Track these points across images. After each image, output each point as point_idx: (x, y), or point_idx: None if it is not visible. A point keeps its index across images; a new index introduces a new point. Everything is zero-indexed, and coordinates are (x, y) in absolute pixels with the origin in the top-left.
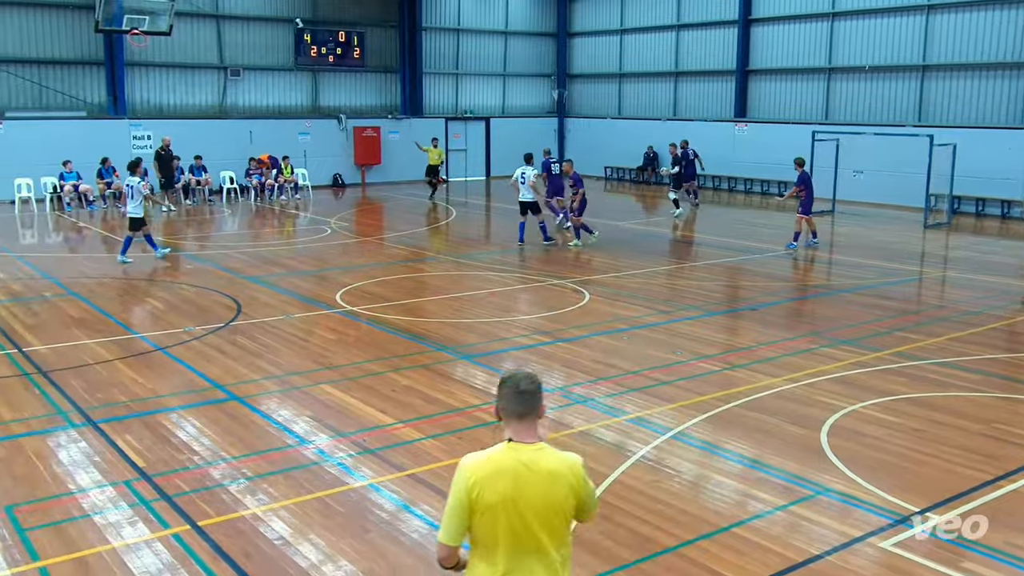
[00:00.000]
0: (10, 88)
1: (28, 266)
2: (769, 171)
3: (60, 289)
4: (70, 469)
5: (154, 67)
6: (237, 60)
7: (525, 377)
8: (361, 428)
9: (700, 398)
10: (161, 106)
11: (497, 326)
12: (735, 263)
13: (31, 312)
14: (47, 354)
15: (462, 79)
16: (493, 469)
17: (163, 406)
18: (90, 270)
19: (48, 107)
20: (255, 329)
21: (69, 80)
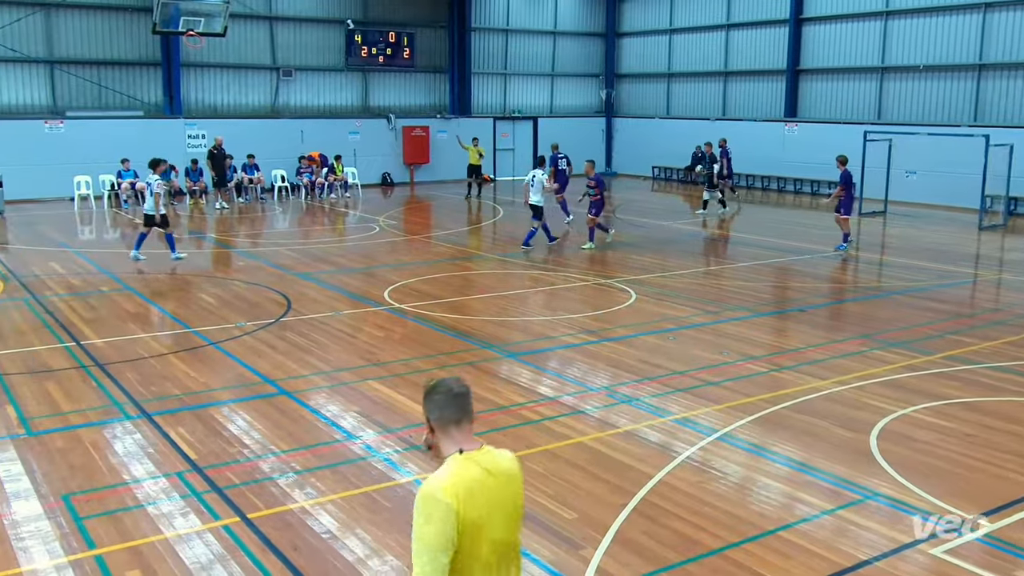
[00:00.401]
0: (71, 88)
1: (86, 261)
2: (819, 171)
3: (117, 284)
4: (125, 460)
5: (209, 68)
6: (289, 61)
7: (455, 381)
8: (408, 424)
9: (747, 399)
10: (215, 106)
11: (543, 325)
12: (783, 264)
13: (89, 306)
14: (104, 347)
15: (510, 79)
16: (466, 485)
17: (215, 400)
18: (145, 266)
19: (107, 107)
20: (304, 325)
21: (127, 80)
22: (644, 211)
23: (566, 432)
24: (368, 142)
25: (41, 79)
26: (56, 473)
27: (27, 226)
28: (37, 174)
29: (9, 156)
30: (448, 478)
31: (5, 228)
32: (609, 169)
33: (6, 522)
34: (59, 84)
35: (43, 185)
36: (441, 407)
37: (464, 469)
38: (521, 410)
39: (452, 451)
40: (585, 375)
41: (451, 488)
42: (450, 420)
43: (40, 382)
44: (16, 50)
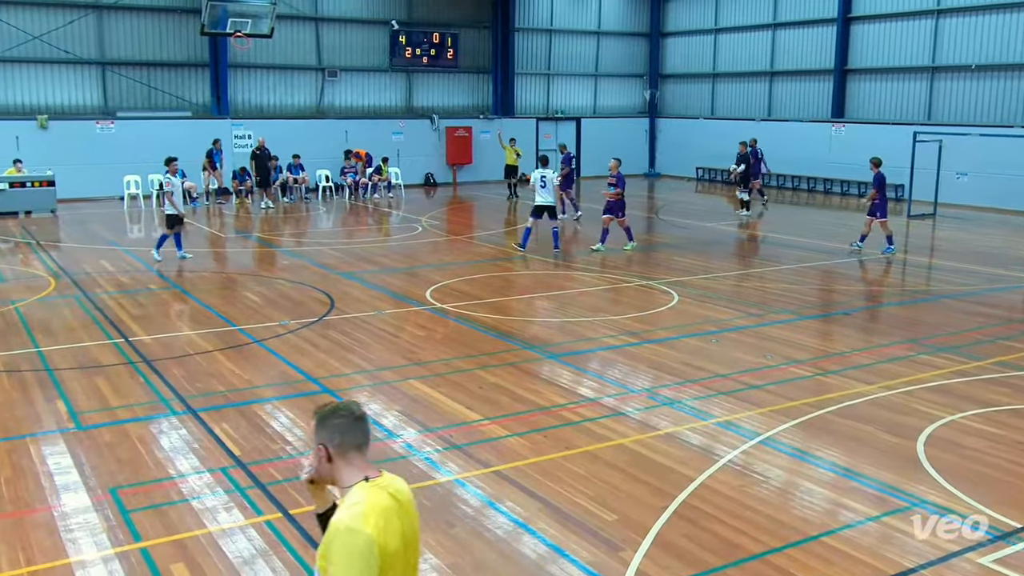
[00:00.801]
0: (121, 89)
1: (135, 259)
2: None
3: (164, 282)
4: (171, 455)
5: (255, 68)
6: (334, 62)
7: (353, 403)
8: (448, 424)
9: (791, 403)
10: (261, 106)
11: (584, 326)
12: (829, 266)
13: (137, 303)
14: (151, 344)
15: (553, 79)
16: (382, 514)
17: (258, 397)
18: (192, 264)
19: (156, 107)
20: (347, 324)
21: (176, 81)
22: (687, 212)
23: (607, 434)
24: (411, 142)
25: (93, 80)
26: (104, 467)
27: (78, 224)
28: (88, 173)
29: (62, 156)
30: (364, 507)
31: (57, 226)
32: (652, 170)
33: (55, 514)
34: (110, 85)
35: (94, 184)
36: (343, 432)
37: (376, 497)
38: (562, 411)
39: (356, 479)
40: (626, 377)
41: (369, 520)
42: (352, 445)
43: (89, 377)
44: (69, 52)
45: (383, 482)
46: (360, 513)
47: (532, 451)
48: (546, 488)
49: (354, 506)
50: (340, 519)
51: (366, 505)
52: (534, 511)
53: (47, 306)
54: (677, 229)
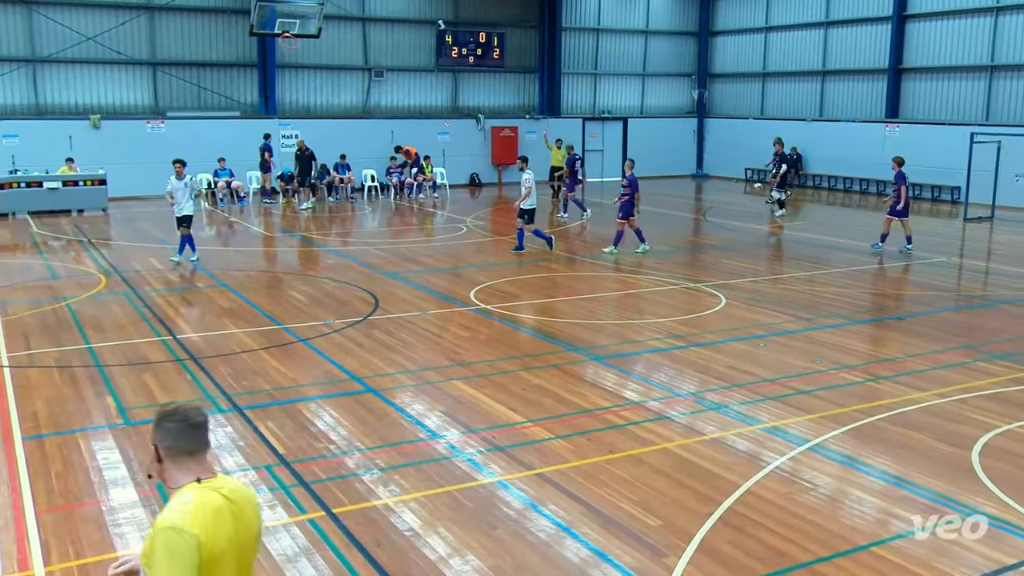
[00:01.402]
0: (172, 89)
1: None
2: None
3: (212, 280)
4: (216, 452)
5: (302, 69)
6: (381, 62)
7: (194, 409)
8: (491, 425)
9: (840, 410)
10: (308, 106)
11: (629, 328)
12: (881, 270)
13: (185, 301)
14: (198, 342)
15: (600, 79)
16: (211, 514)
17: (303, 395)
18: (240, 263)
19: (205, 107)
20: (391, 324)
21: (225, 81)
22: (735, 214)
23: (651, 438)
24: (457, 142)
25: (144, 81)
26: None
27: (128, 223)
28: (139, 172)
29: (114, 155)
30: (191, 507)
31: (108, 224)
32: (700, 171)
33: (104, 508)
34: (161, 85)
35: (144, 183)
36: (175, 436)
37: (206, 497)
38: (606, 414)
39: (186, 480)
40: (672, 380)
41: (195, 519)
42: (183, 451)
43: (138, 374)
44: (121, 52)
45: (216, 483)
46: (186, 512)
47: (575, 454)
48: (589, 492)
49: (181, 506)
50: (164, 518)
51: (194, 505)
52: (577, 515)
53: (98, 303)
54: (725, 231)
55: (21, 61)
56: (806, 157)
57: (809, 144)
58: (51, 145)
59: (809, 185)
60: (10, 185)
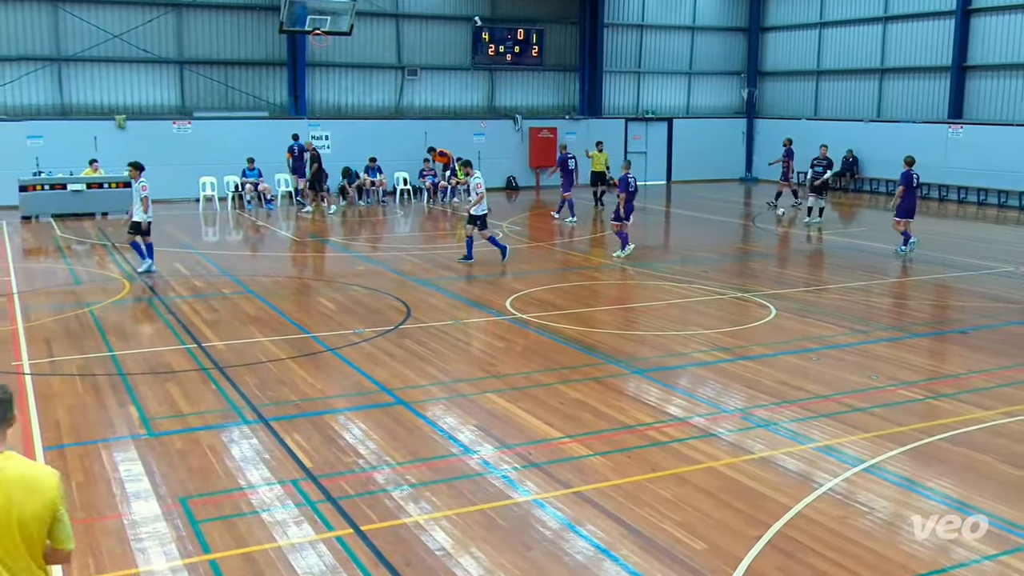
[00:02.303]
0: (199, 88)
1: (209, 263)
2: (988, 179)
3: (238, 287)
4: (241, 465)
5: (334, 67)
6: (414, 60)
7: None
8: (527, 440)
9: (898, 428)
10: (339, 106)
11: (674, 340)
12: (943, 280)
13: (210, 308)
14: (224, 350)
15: (644, 78)
16: None
17: (331, 407)
18: (267, 268)
19: (233, 107)
20: (423, 333)
21: (253, 81)
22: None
23: (696, 456)
24: (493, 144)
25: (171, 80)
26: (174, 475)
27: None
28: (164, 174)
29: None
30: None
31: None
32: (749, 174)
33: (126, 521)
34: (188, 85)
35: (170, 185)
36: None
37: None
38: (648, 430)
39: None
40: (718, 395)
41: None
42: None
43: (161, 383)
44: (148, 51)
45: None
46: None
47: (615, 472)
48: (630, 512)
49: None
50: None
51: None
52: (617, 536)
53: (121, 309)
54: (776, 238)
55: (46, 60)
56: (863, 160)
57: (866, 147)
58: (76, 146)
59: (866, 190)
60: (34, 188)
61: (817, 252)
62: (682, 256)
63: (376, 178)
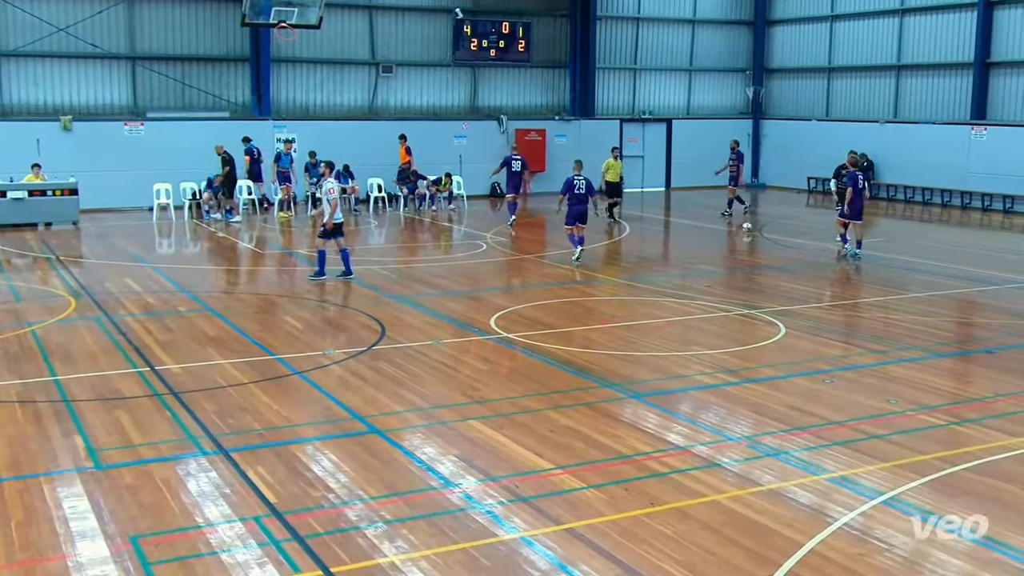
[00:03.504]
0: (152, 87)
1: (164, 278)
2: (1014, 184)
3: (195, 304)
4: (199, 500)
5: (301, 64)
6: (390, 56)
7: None
8: (514, 472)
9: (919, 457)
10: (307, 106)
11: (674, 361)
12: (967, 295)
13: (165, 328)
14: (180, 374)
15: (640, 75)
16: None
17: (298, 436)
18: (227, 284)
19: (190, 107)
20: (400, 355)
21: (212, 78)
22: (797, 230)
23: (699, 488)
24: (476, 147)
25: (122, 77)
26: (124, 512)
27: (102, 238)
28: (115, 181)
29: (87, 161)
30: None
31: (79, 240)
32: (756, 180)
33: (70, 564)
34: (140, 82)
35: (121, 193)
36: None
37: None
38: (646, 460)
39: None
40: (723, 422)
41: None
42: None
43: (110, 410)
44: (97, 45)
45: None
46: None
47: (611, 507)
48: (627, 551)
49: None
50: None
51: None
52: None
53: (66, 329)
54: (785, 250)
55: None
56: (879, 164)
57: (882, 149)
58: (16, 150)
59: (883, 197)
60: None
61: (827, 264)
62: (683, 269)
63: (348, 184)
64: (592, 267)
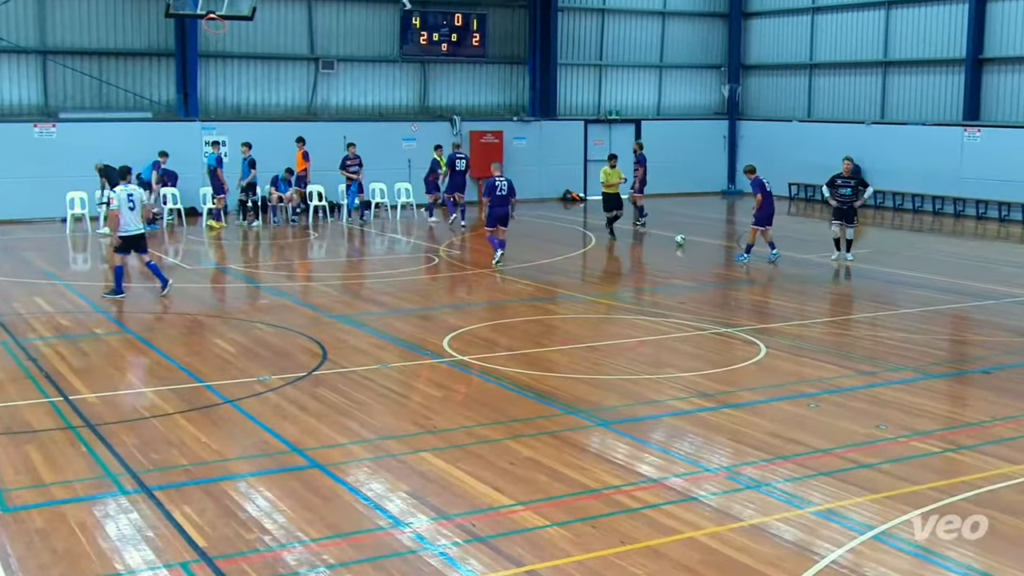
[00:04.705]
0: (66, 84)
1: (79, 297)
2: (1010, 190)
3: (114, 326)
4: (118, 545)
5: (232, 59)
6: (331, 50)
7: None
8: (470, 509)
9: (912, 488)
10: (239, 106)
11: (646, 385)
12: (961, 310)
13: (80, 352)
14: (97, 404)
15: (607, 72)
16: None
17: (230, 472)
18: (150, 303)
19: (108, 107)
20: (343, 381)
21: (133, 75)
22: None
23: (674, 525)
24: (427, 150)
25: (31, 73)
26: (34, 559)
27: (8, 252)
28: (23, 189)
29: None
30: None
31: None
32: (732, 187)
33: None
34: (52, 79)
35: (30, 203)
36: None
37: None
38: (616, 495)
39: None
40: (699, 451)
41: None
42: None
43: (19, 446)
44: (3, 38)
45: None
46: None
47: (577, 546)
48: None
49: None
50: None
51: None
52: None
53: None
54: (765, 263)
55: None
56: (865, 169)
57: (869, 153)
58: None
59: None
60: None
61: (810, 279)
62: (654, 284)
63: (287, 192)
64: (555, 282)
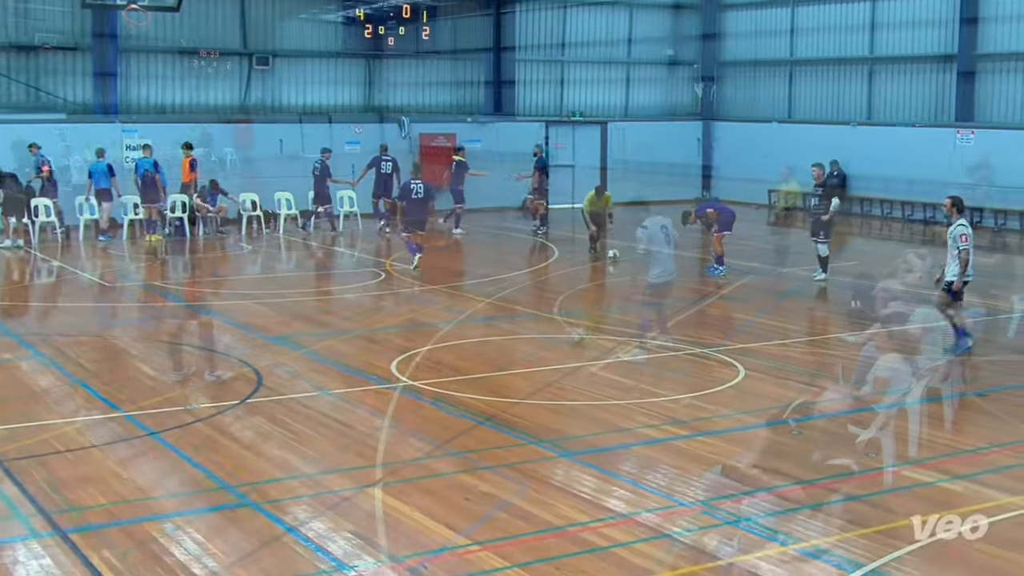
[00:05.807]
0: None
1: None
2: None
3: (24, 350)
4: None
5: (156, 54)
6: (266, 45)
7: None
8: (421, 550)
9: (904, 521)
10: (164, 105)
11: (614, 411)
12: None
13: None
14: (3, 436)
15: (569, 69)
16: None
17: (154, 512)
18: (65, 324)
19: (16, 107)
20: (280, 408)
21: (44, 71)
22: (757, 254)
23: (646, 565)
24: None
25: None
26: None
27: None
28: None
29: None
30: None
31: None
32: (707, 193)
33: None
34: None
35: None
36: None
37: None
38: (582, 532)
39: None
40: (672, 484)
41: None
42: None
43: None
44: None
45: None
46: None
47: None
48: None
49: None
50: None
51: None
52: None
53: None
54: (743, 277)
55: None
56: (850, 174)
57: (855, 156)
58: None
59: (855, 212)
60: None
61: (792, 294)
62: (621, 301)
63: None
64: (514, 299)
